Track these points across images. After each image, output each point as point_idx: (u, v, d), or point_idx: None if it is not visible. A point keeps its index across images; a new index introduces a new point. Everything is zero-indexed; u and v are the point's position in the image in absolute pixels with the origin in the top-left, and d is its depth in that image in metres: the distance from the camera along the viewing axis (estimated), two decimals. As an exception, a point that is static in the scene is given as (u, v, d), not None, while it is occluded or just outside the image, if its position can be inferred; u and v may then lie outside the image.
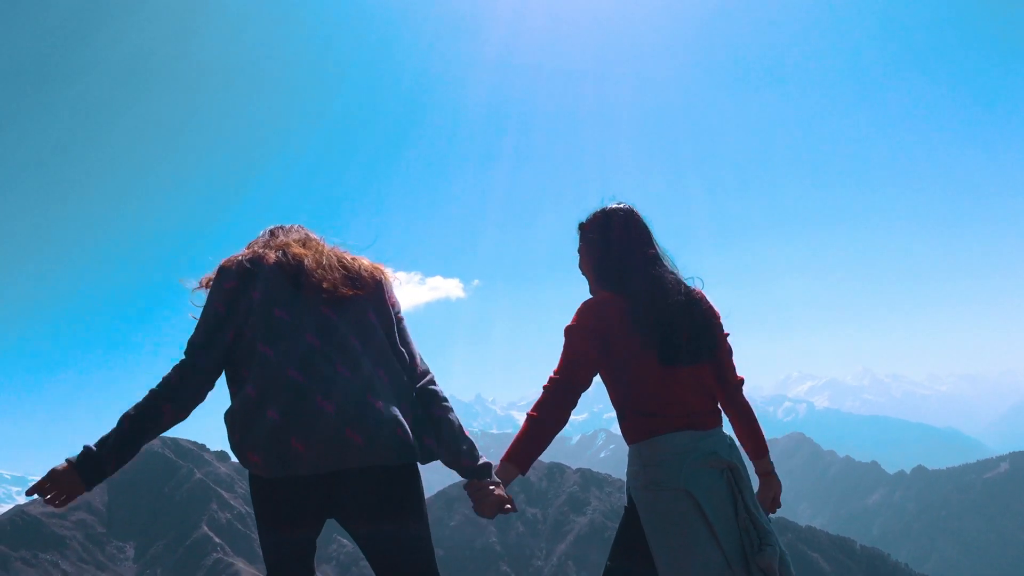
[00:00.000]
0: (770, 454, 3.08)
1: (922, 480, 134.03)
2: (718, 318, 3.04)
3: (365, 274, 2.81)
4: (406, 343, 2.85)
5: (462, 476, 2.74)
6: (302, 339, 2.60)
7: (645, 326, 2.86)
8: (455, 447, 2.72)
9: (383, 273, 2.88)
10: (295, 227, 2.99)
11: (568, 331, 2.92)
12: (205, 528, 52.20)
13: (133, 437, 2.53)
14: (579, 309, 2.95)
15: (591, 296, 3.04)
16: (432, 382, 2.83)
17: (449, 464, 2.76)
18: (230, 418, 2.57)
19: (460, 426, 2.77)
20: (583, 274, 3.16)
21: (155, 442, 59.52)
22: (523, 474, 2.84)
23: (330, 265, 2.74)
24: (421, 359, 2.86)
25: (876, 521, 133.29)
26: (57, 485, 2.46)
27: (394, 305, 2.87)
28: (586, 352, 2.87)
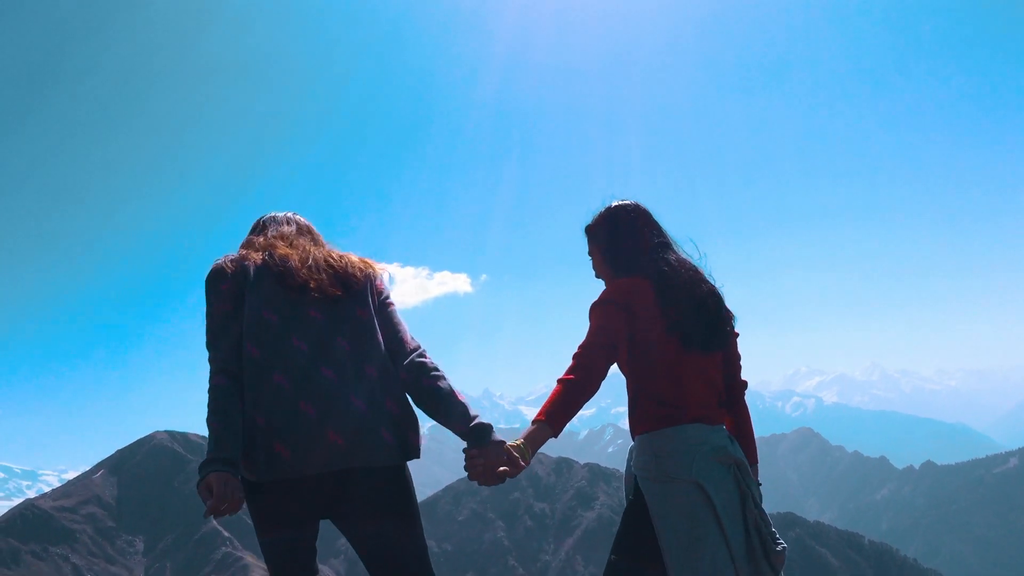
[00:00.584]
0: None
1: (931, 475, 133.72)
2: (733, 316, 3.04)
3: (353, 270, 2.80)
4: (396, 328, 2.82)
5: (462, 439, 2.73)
6: (289, 342, 2.61)
7: (673, 309, 2.85)
8: (447, 414, 2.71)
9: (371, 267, 2.88)
10: (287, 217, 2.99)
11: (595, 306, 2.89)
12: (214, 522, 52.39)
13: (235, 431, 2.57)
14: (606, 288, 2.94)
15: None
16: (421, 355, 2.79)
17: (451, 429, 2.75)
18: None
19: (450, 392, 2.73)
20: (599, 276, 3.13)
21: (163, 436, 59.79)
22: (555, 436, 2.78)
23: (316, 265, 2.74)
24: (411, 338, 2.84)
25: (885, 516, 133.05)
26: (231, 488, 2.47)
27: (381, 294, 2.86)
28: (615, 324, 2.85)
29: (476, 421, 2.69)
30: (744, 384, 3.07)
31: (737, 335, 3.05)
